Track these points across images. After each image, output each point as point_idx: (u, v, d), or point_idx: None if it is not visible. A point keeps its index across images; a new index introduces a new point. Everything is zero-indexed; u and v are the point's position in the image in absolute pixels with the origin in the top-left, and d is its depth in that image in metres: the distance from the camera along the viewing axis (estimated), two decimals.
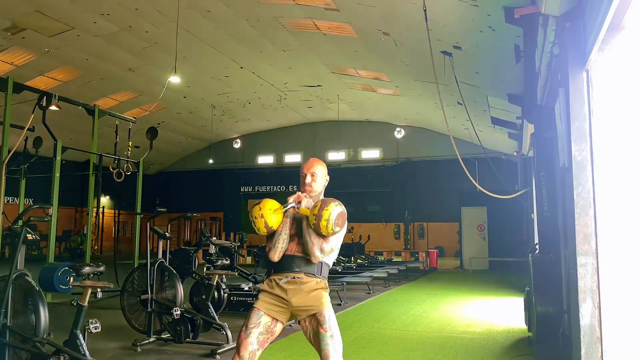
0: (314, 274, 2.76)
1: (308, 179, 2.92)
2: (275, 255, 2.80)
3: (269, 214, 2.79)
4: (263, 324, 2.72)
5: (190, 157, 25.92)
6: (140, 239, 10.66)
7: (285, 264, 2.79)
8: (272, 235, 2.83)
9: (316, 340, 2.67)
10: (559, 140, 4.20)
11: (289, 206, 2.85)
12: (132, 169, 10.26)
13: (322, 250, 2.74)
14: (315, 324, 2.69)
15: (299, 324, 2.78)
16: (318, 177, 2.94)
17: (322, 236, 2.72)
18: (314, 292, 2.74)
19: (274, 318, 2.75)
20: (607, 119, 3.33)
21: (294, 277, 2.75)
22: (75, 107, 9.97)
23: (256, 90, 17.81)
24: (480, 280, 12.43)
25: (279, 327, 2.79)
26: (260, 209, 2.80)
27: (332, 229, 2.67)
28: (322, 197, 2.95)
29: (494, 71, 9.87)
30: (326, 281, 2.84)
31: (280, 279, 2.78)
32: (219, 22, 12.01)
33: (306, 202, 2.84)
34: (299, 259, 2.77)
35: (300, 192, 2.91)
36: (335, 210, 2.69)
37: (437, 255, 17.18)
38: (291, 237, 2.84)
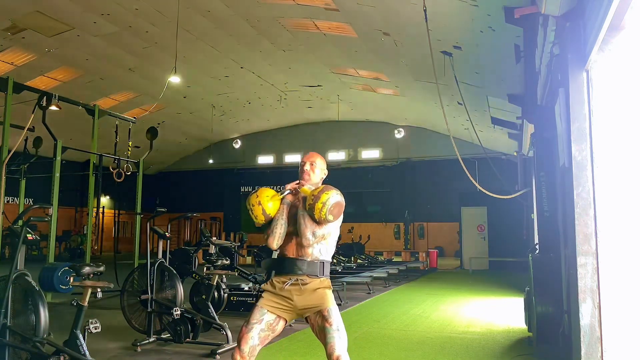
0: (317, 274, 2.78)
1: (307, 167, 2.96)
2: (274, 242, 2.81)
3: (266, 201, 2.80)
4: (265, 321, 2.77)
5: (190, 157, 25.93)
6: (140, 239, 10.66)
7: (287, 267, 2.80)
8: (269, 223, 2.84)
9: (322, 334, 2.72)
10: (559, 140, 4.20)
11: (286, 192, 2.86)
12: (132, 169, 10.25)
13: (314, 234, 2.74)
14: (320, 319, 2.74)
15: (307, 321, 2.82)
16: (317, 168, 2.97)
17: (316, 222, 2.72)
18: (317, 290, 2.77)
19: (277, 316, 2.79)
20: (607, 119, 3.33)
21: (297, 279, 2.77)
22: (75, 107, 9.96)
23: (256, 90, 17.81)
24: (480, 280, 12.41)
25: (281, 325, 2.83)
26: (257, 197, 2.81)
27: (325, 215, 2.66)
28: None
29: (494, 71, 9.87)
30: (329, 279, 2.86)
31: (284, 282, 2.79)
32: (219, 22, 12.01)
33: (308, 186, 2.86)
34: (300, 262, 2.78)
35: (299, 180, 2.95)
36: (334, 197, 2.68)
37: (437, 255, 17.17)
38: (289, 236, 2.83)
